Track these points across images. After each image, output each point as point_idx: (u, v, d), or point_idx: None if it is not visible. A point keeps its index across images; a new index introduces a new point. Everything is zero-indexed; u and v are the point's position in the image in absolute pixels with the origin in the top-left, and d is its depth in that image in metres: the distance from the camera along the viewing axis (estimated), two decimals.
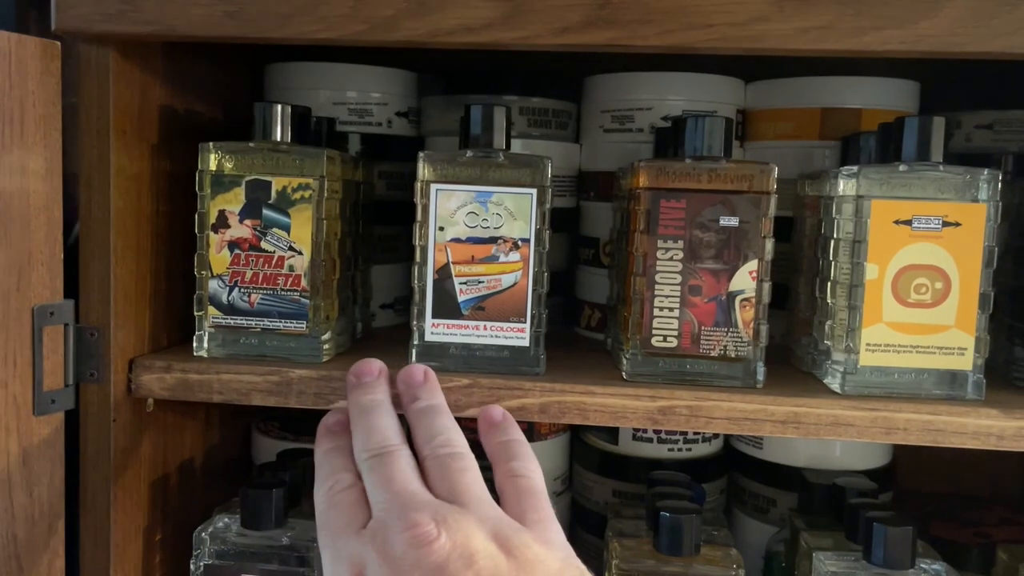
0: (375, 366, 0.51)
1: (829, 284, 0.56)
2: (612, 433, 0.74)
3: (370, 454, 0.45)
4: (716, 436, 0.75)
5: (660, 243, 0.55)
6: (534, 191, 0.55)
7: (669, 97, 0.68)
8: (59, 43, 0.52)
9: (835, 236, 0.55)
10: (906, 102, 0.69)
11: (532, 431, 0.73)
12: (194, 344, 0.58)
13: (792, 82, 0.69)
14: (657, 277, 0.55)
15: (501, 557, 0.39)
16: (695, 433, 0.73)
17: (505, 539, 0.40)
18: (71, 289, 0.55)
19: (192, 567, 0.58)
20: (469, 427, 0.48)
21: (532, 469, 0.46)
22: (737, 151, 0.71)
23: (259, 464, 0.73)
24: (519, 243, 0.55)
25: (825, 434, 0.53)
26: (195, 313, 0.57)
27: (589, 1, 0.47)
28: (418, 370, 0.51)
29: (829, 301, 0.56)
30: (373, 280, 0.72)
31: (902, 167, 0.53)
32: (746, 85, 0.71)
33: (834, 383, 0.55)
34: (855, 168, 0.53)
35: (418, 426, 0.47)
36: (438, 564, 0.38)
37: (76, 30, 0.51)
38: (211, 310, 0.57)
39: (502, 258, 0.56)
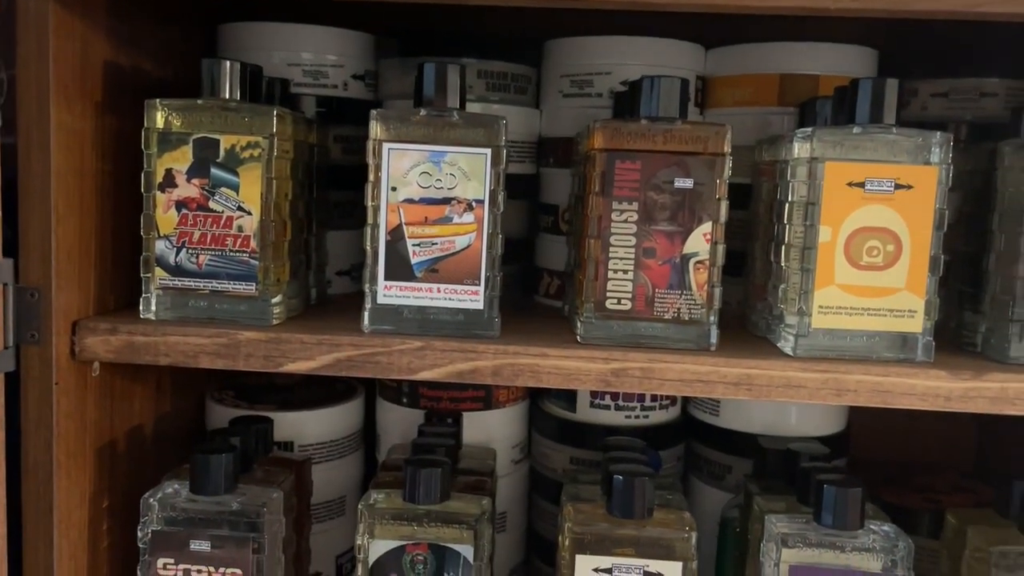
0: None
1: (783, 248, 0.56)
2: (570, 400, 0.74)
3: None
4: (673, 403, 0.75)
5: (615, 205, 0.54)
6: (489, 151, 0.54)
7: (629, 62, 0.68)
8: None
9: (789, 199, 0.55)
10: (864, 69, 0.69)
11: (490, 399, 0.73)
12: (141, 307, 0.56)
13: (751, 48, 0.68)
14: (612, 239, 0.54)
15: None
16: (652, 400, 0.73)
17: None
18: (11, 250, 0.53)
19: (139, 534, 0.57)
20: (423, 394, 0.47)
21: None
22: (697, 118, 0.71)
23: (211, 430, 0.72)
24: (473, 204, 0.55)
25: (777, 396, 0.53)
26: (142, 275, 0.56)
27: None
28: None
29: (783, 265, 0.56)
30: (329, 246, 0.71)
31: (856, 129, 0.53)
32: (706, 52, 0.71)
33: (787, 346, 0.55)
34: (809, 130, 0.53)
35: None
36: None
37: None
38: (158, 272, 0.56)
39: (456, 219, 0.55)
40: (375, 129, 0.54)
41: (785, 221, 0.56)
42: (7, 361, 0.53)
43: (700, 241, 0.54)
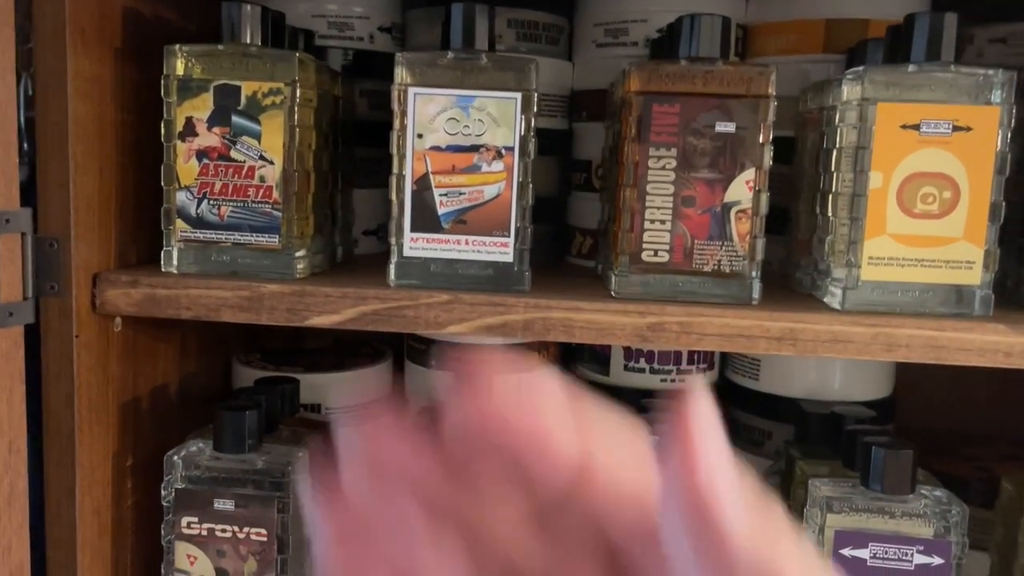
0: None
1: (830, 198, 0.53)
2: (603, 364, 0.71)
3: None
4: (711, 367, 0.72)
5: (652, 151, 0.51)
6: (519, 95, 0.52)
7: (665, 8, 0.65)
8: None
9: (837, 145, 0.52)
10: (916, 11, 0.65)
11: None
12: (162, 260, 0.55)
13: None
14: (648, 188, 0.52)
15: None
16: (689, 363, 0.70)
17: None
18: (29, 199, 0.52)
19: (163, 492, 0.56)
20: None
21: None
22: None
23: (236, 389, 0.71)
24: (502, 152, 0.52)
25: (823, 351, 0.50)
26: (163, 227, 0.55)
27: None
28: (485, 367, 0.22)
29: (830, 215, 0.53)
30: (356, 205, 0.69)
31: (910, 68, 0.50)
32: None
33: (834, 300, 0.52)
34: (860, 70, 0.50)
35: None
36: None
37: None
38: (179, 224, 0.55)
39: (484, 168, 0.53)
40: (400, 73, 0.52)
41: (832, 169, 0.53)
42: (26, 313, 0.52)
43: (742, 189, 0.51)
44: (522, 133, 0.52)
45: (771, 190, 0.52)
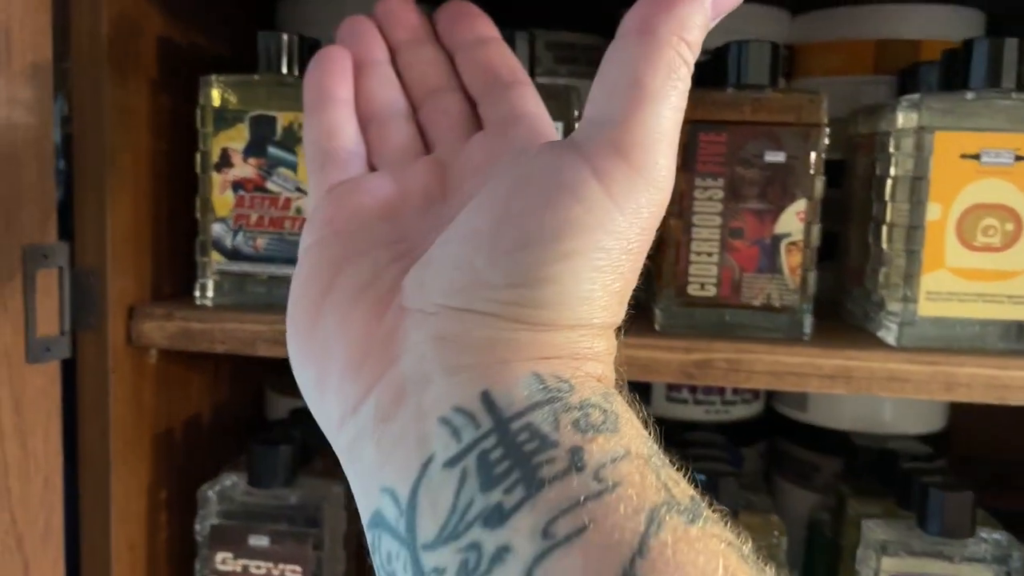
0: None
1: (885, 228, 0.51)
2: (644, 393, 0.70)
3: None
4: (756, 397, 0.70)
5: (698, 181, 0.50)
6: (560, 124, 0.51)
7: (708, 34, 0.63)
8: None
9: (893, 174, 0.50)
10: (969, 33, 0.62)
11: None
12: (196, 292, 0.54)
13: (842, 12, 0.63)
14: (695, 218, 0.50)
15: None
16: (734, 393, 0.68)
17: None
18: (66, 232, 0.51)
19: (197, 527, 0.56)
20: None
21: None
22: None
23: (270, 421, 0.70)
24: None
25: (878, 390, 0.48)
26: (198, 259, 0.54)
27: None
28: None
29: (884, 247, 0.51)
30: None
31: (969, 95, 0.47)
32: (792, 17, 0.66)
33: (889, 336, 0.50)
34: (916, 97, 0.48)
35: None
36: None
37: None
38: (214, 255, 0.54)
39: None
40: None
41: (887, 199, 0.50)
42: (63, 347, 0.51)
43: (793, 220, 0.49)
44: None
45: (822, 215, 0.50)
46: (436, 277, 0.28)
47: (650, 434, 0.26)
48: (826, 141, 0.49)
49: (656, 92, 0.27)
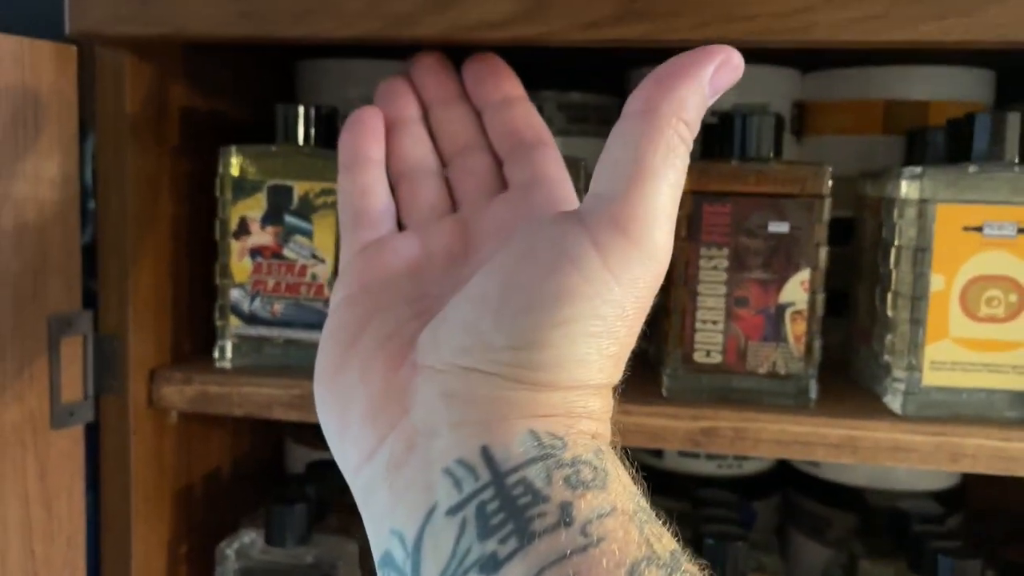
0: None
1: (890, 295, 0.51)
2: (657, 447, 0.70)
3: None
4: None
5: (703, 250, 0.51)
6: None
7: None
8: (75, 47, 0.51)
9: (896, 243, 0.50)
10: (979, 93, 0.63)
11: None
12: (215, 354, 0.56)
13: (852, 72, 0.64)
14: (700, 287, 0.51)
15: None
16: None
17: None
18: (88, 299, 0.53)
19: None
20: None
21: None
22: (794, 146, 0.67)
23: (286, 475, 0.71)
24: None
25: (884, 460, 0.48)
26: (216, 323, 0.56)
27: None
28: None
29: (890, 313, 0.51)
30: None
31: (972, 168, 0.48)
32: (802, 76, 0.66)
33: (894, 403, 0.50)
34: (919, 169, 0.48)
35: None
36: None
37: (90, 33, 0.49)
38: (233, 320, 0.55)
39: None
40: None
41: (891, 266, 0.51)
42: (86, 412, 0.53)
43: (797, 290, 0.50)
44: None
45: (829, 271, 0.50)
46: (448, 337, 0.30)
47: (639, 489, 0.28)
48: (829, 213, 0.49)
49: (655, 170, 0.29)
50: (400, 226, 0.39)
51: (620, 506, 0.26)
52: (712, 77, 0.30)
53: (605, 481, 0.27)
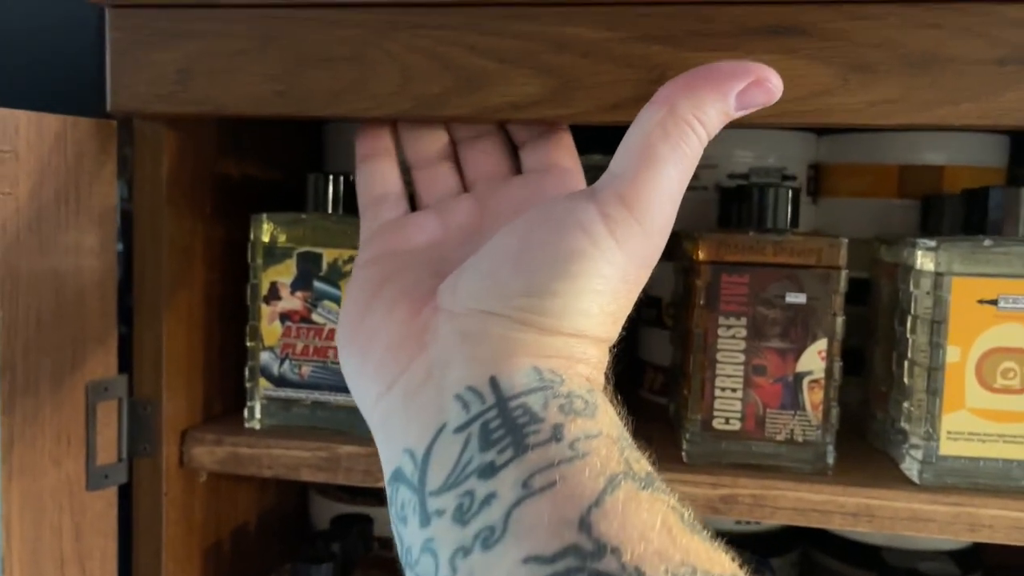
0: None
1: (906, 363, 0.52)
2: None
3: None
4: None
5: (722, 320, 0.52)
6: None
7: (735, 153, 0.65)
8: (114, 123, 0.53)
9: (912, 312, 0.51)
10: (994, 158, 0.64)
11: None
12: (245, 415, 0.57)
13: (868, 137, 0.65)
14: (719, 356, 0.52)
15: None
16: None
17: None
18: (124, 362, 0.55)
19: None
20: None
21: None
22: (810, 208, 0.68)
23: (312, 533, 0.73)
24: None
25: (901, 529, 0.49)
26: (246, 384, 0.57)
27: (642, 76, 0.44)
28: None
29: (906, 381, 0.52)
30: None
31: (987, 242, 0.49)
32: (818, 138, 0.68)
33: (912, 471, 0.51)
34: (934, 242, 0.50)
35: None
36: None
37: (130, 110, 0.51)
38: (262, 382, 0.57)
39: None
40: None
41: (908, 335, 0.52)
42: (120, 474, 0.54)
43: (815, 359, 0.51)
44: None
45: (846, 332, 0.51)
46: (467, 283, 0.34)
47: (623, 423, 0.32)
48: (845, 283, 0.51)
49: (664, 157, 0.33)
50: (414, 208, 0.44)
51: (605, 431, 0.30)
52: (742, 93, 0.34)
53: (595, 412, 0.30)
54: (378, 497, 0.73)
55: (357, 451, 0.54)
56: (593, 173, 0.62)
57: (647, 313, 0.71)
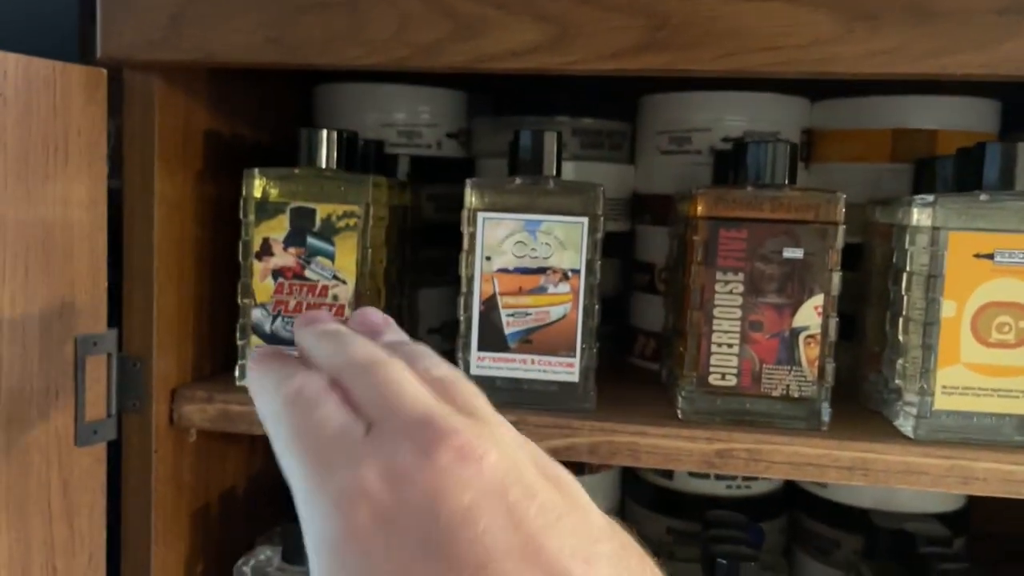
0: (324, 312, 0.42)
1: (901, 320, 0.52)
2: (668, 469, 0.71)
3: (355, 360, 0.33)
4: None
5: (719, 275, 0.52)
6: (585, 219, 0.53)
7: (729, 117, 0.65)
8: (104, 71, 0.52)
9: (908, 269, 0.52)
10: (985, 123, 0.64)
11: (583, 464, 0.71)
12: (236, 374, 0.56)
13: (861, 102, 0.65)
14: (715, 311, 0.52)
15: (554, 492, 0.29)
16: None
17: (544, 467, 0.30)
18: (114, 318, 0.54)
19: None
20: None
21: (452, 369, 0.34)
22: (802, 173, 0.68)
23: None
24: (569, 274, 0.53)
25: (895, 482, 0.49)
26: (237, 342, 0.56)
27: (644, 23, 0.44)
28: (374, 312, 0.39)
29: (901, 338, 0.52)
30: (420, 304, 0.70)
31: (983, 196, 0.49)
32: (812, 104, 0.68)
33: (906, 426, 0.51)
34: (931, 197, 0.50)
35: (394, 352, 0.34)
36: (495, 487, 0.27)
37: (121, 58, 0.50)
38: (254, 339, 0.56)
39: (551, 289, 0.53)
40: (470, 198, 0.53)
41: (903, 292, 0.52)
42: (109, 430, 0.54)
43: (811, 314, 0.51)
44: (588, 256, 0.53)
45: (839, 297, 0.51)
46: None
47: None
48: (843, 239, 0.51)
49: None
50: None
51: None
52: None
53: None
54: None
55: None
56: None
57: (639, 279, 0.71)
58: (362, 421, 0.30)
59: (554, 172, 0.54)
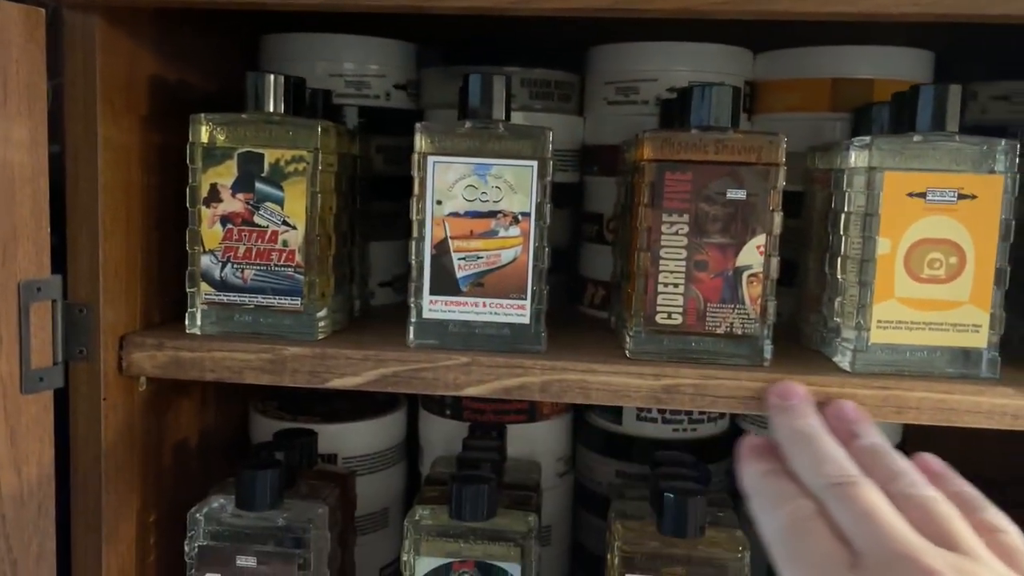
0: (800, 389, 0.49)
1: (839, 259, 0.54)
2: (616, 413, 0.72)
3: (832, 482, 0.40)
4: (722, 416, 0.73)
5: (665, 217, 0.53)
6: (535, 163, 0.53)
7: (675, 68, 0.66)
8: (43, 10, 0.51)
9: (846, 209, 0.53)
10: (920, 72, 0.67)
11: (535, 411, 0.72)
12: (186, 321, 0.56)
13: (801, 52, 0.67)
14: (662, 252, 0.53)
15: None
16: (700, 413, 0.71)
17: None
18: (59, 265, 0.53)
19: (186, 548, 0.57)
20: (466, 406, 0.47)
21: (1009, 523, 0.40)
22: (745, 124, 0.70)
23: (255, 444, 0.72)
24: (519, 217, 0.54)
25: None
26: (187, 290, 0.56)
27: None
28: (850, 406, 0.48)
29: (839, 277, 0.54)
30: (372, 257, 0.70)
31: (916, 137, 0.51)
32: (754, 56, 0.69)
33: (843, 361, 0.53)
34: (867, 139, 0.51)
35: (872, 464, 0.42)
36: None
37: None
38: (203, 286, 0.56)
39: (501, 233, 0.54)
40: (420, 142, 0.53)
41: (841, 232, 0.54)
42: (56, 377, 0.53)
43: (754, 254, 0.53)
44: (538, 200, 0.54)
45: (781, 244, 0.53)
46: None
47: None
48: (784, 180, 0.52)
49: None
50: None
51: None
52: None
53: None
54: (320, 414, 0.73)
55: (302, 352, 0.54)
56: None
57: (588, 229, 0.72)
58: (847, 550, 0.37)
59: (504, 116, 0.54)
